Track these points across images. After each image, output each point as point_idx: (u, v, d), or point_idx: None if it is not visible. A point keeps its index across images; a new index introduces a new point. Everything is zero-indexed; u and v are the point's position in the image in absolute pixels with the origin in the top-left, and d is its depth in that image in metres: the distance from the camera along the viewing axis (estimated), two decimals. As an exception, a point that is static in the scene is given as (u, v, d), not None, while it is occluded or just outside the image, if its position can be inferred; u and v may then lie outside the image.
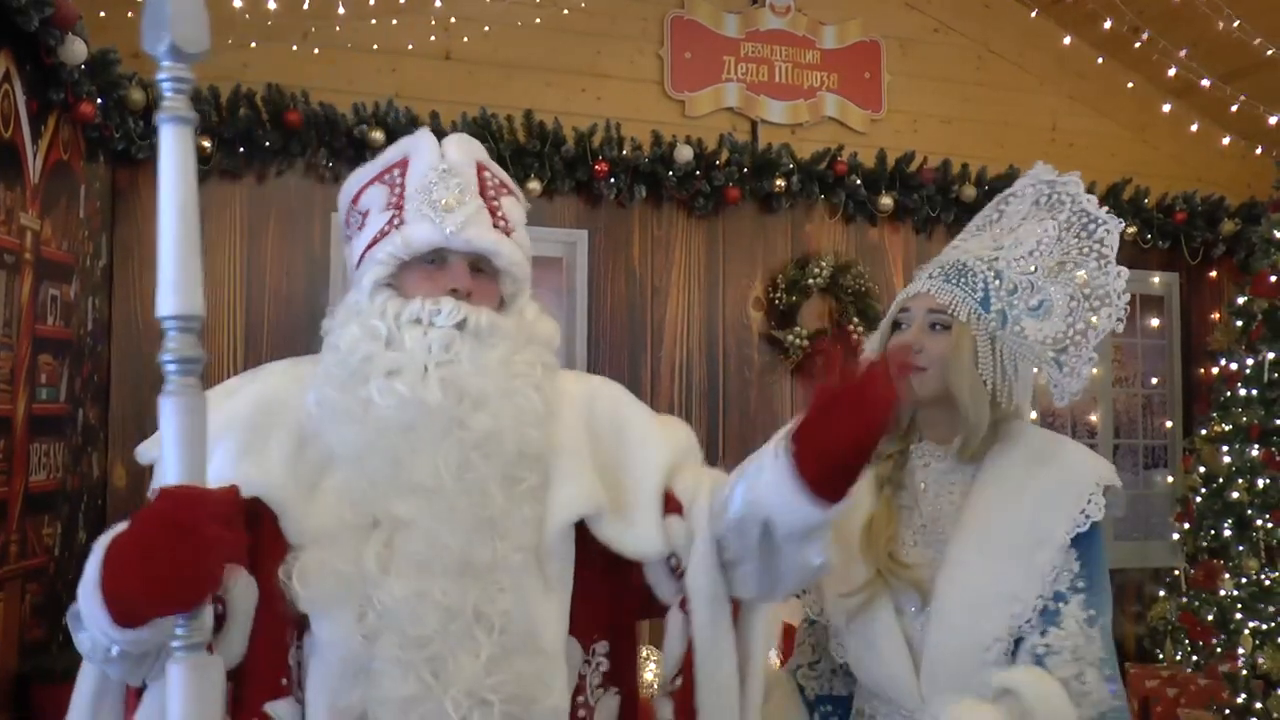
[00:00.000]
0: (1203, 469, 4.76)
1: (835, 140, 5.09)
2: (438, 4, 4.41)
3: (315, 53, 4.35)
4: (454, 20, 4.57)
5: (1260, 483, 4.49)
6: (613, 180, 4.66)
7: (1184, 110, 5.25)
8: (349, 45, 4.40)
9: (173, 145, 1.15)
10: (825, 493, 1.33)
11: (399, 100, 4.39)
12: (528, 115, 4.54)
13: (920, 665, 1.64)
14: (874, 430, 1.31)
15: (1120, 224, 1.72)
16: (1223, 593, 4.49)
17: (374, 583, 1.35)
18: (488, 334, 1.45)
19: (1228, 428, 4.67)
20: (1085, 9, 4.88)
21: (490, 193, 1.53)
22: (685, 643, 1.48)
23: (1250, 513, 4.51)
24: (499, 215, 1.51)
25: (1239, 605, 4.40)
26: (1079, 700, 1.54)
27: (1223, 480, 4.62)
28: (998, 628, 1.60)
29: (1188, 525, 4.81)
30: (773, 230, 5.03)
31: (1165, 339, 5.69)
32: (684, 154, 4.70)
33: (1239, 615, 4.37)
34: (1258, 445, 4.53)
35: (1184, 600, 4.70)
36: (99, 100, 3.71)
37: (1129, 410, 5.64)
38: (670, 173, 4.71)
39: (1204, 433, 4.84)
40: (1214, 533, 4.63)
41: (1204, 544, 4.71)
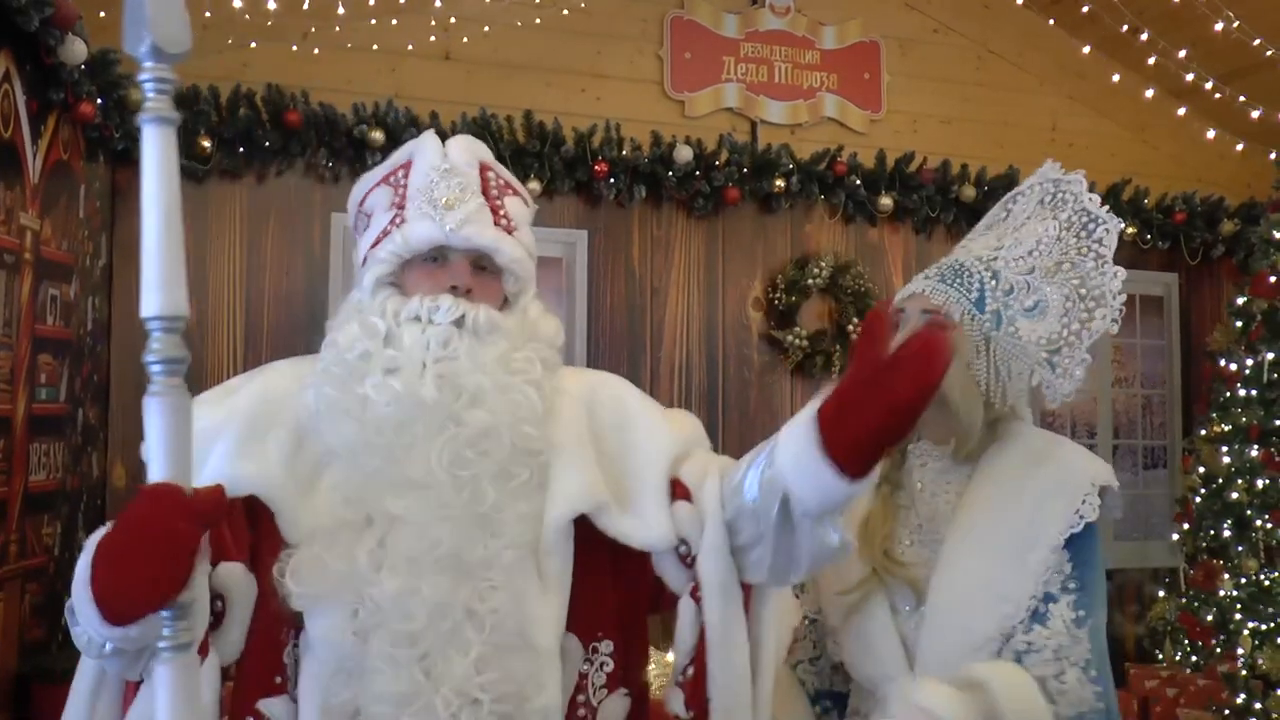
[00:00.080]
0: (1202, 469, 4.76)
1: (835, 141, 5.09)
2: (438, 4, 4.41)
3: (315, 53, 4.35)
4: (454, 20, 4.57)
5: (1260, 483, 4.49)
6: (612, 180, 4.66)
7: (1184, 110, 5.25)
8: (349, 45, 4.40)
9: (156, 146, 1.14)
10: (851, 466, 1.29)
11: (399, 100, 4.39)
12: (527, 115, 4.54)
13: (914, 664, 1.64)
14: (916, 402, 1.25)
15: (1120, 224, 1.71)
16: (1222, 593, 4.49)
17: (367, 580, 1.35)
18: (486, 331, 1.45)
19: (1227, 428, 4.67)
20: (1085, 10, 4.87)
21: (493, 192, 1.53)
22: (697, 632, 1.46)
23: (1250, 513, 4.51)
24: (501, 214, 1.51)
25: (1238, 606, 4.40)
26: (1056, 698, 1.53)
27: (1222, 481, 4.63)
28: (990, 627, 1.59)
29: (1187, 526, 4.82)
30: (772, 230, 5.03)
31: (1165, 339, 5.69)
32: (684, 154, 4.70)
33: (1238, 616, 4.38)
34: (1257, 446, 4.53)
35: (1183, 600, 4.70)
36: (99, 100, 3.72)
37: (1129, 411, 5.64)
38: (670, 173, 4.71)
39: (1203, 433, 4.84)
40: (1213, 533, 4.64)
41: (1203, 544, 4.71)
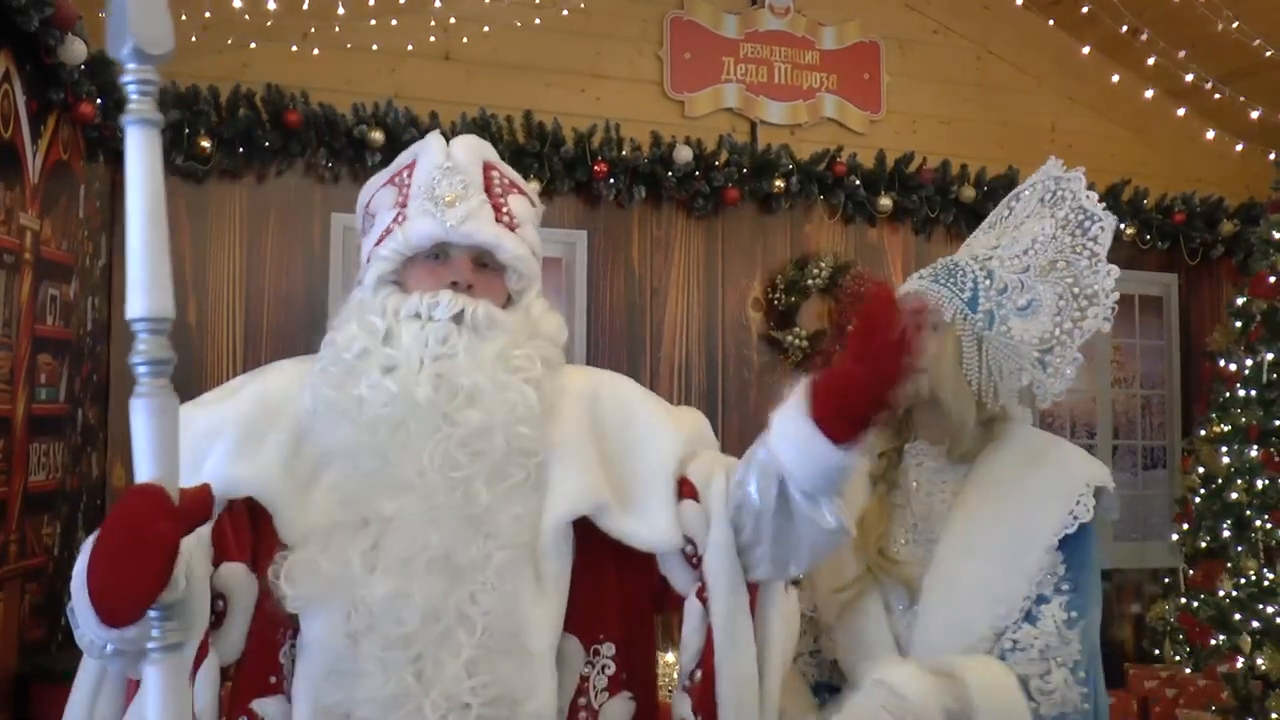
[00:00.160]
0: (1202, 470, 4.76)
1: (834, 141, 5.09)
2: (438, 4, 4.41)
3: (315, 53, 4.35)
4: (454, 20, 4.57)
5: (1259, 483, 4.49)
6: (612, 181, 4.66)
7: (1183, 111, 5.25)
8: (349, 45, 4.40)
9: (139, 147, 1.14)
10: (838, 431, 1.29)
11: (399, 101, 4.39)
12: (527, 116, 4.55)
13: None
14: (883, 355, 1.26)
15: (1115, 221, 1.71)
16: (1221, 593, 4.49)
17: (360, 582, 1.35)
18: (485, 327, 1.44)
19: (1226, 428, 4.68)
20: (1085, 10, 4.88)
21: (496, 190, 1.53)
22: (704, 633, 1.46)
23: (1249, 513, 4.51)
24: (504, 211, 1.52)
25: (1238, 606, 4.40)
26: (1038, 698, 1.53)
27: (1222, 481, 4.63)
28: (983, 627, 1.59)
29: (1187, 526, 4.82)
30: (772, 231, 5.03)
31: (1164, 340, 5.69)
32: (683, 154, 4.70)
33: (1238, 616, 4.38)
34: (1256, 446, 4.53)
35: (1183, 601, 4.70)
36: (99, 100, 3.72)
37: (1128, 411, 5.63)
38: (670, 173, 4.71)
39: (1203, 433, 4.84)
40: (1213, 533, 4.64)
41: (1203, 545, 4.71)
